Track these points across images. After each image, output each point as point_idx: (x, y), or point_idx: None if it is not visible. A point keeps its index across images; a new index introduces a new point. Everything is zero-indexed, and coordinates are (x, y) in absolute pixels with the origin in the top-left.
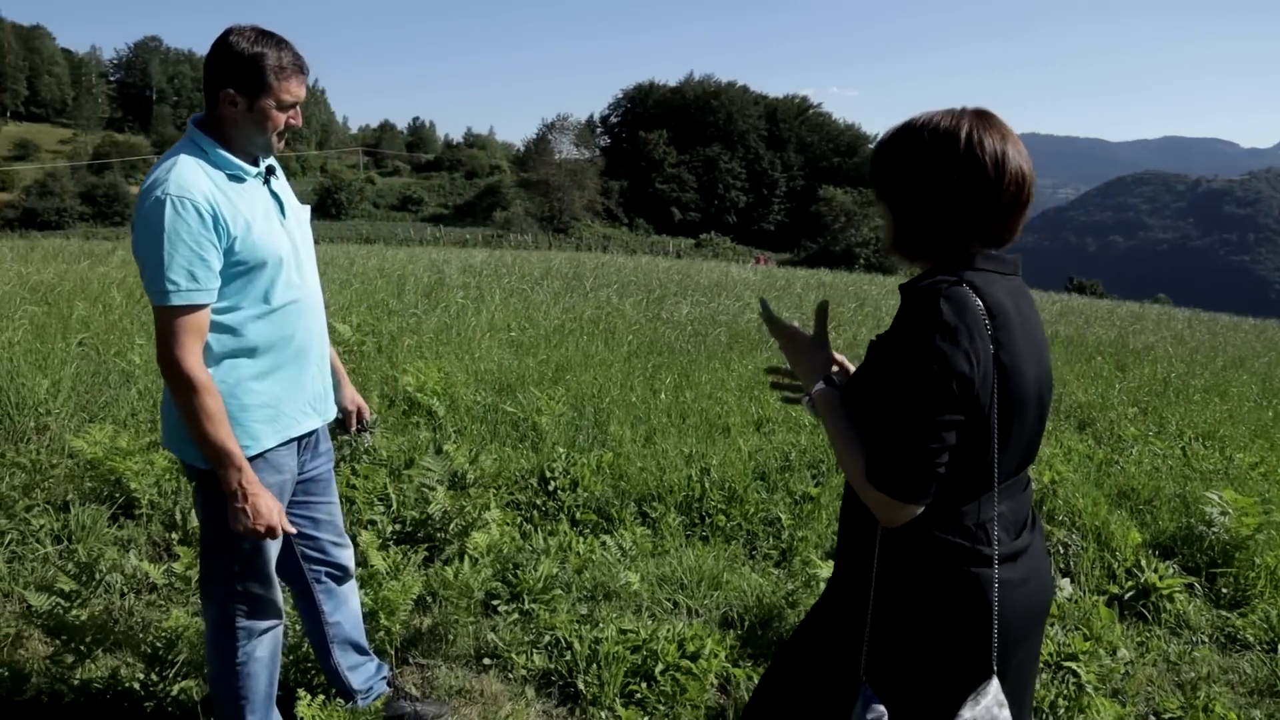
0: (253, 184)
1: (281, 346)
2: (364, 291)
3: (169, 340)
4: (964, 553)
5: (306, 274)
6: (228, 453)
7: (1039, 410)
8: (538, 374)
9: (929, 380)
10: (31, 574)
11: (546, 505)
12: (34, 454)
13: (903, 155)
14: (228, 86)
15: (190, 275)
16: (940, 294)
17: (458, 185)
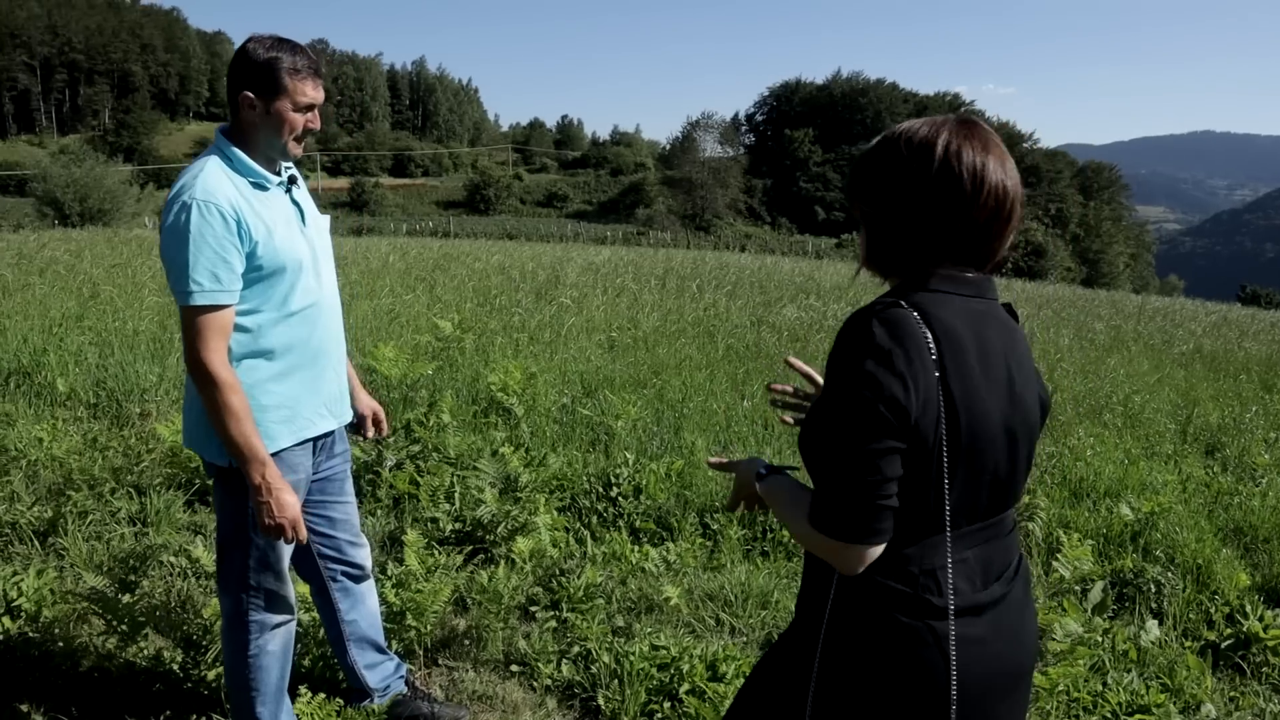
0: (275, 192)
1: (299, 349)
2: (479, 288)
3: (194, 339)
4: (910, 602)
5: (324, 280)
6: (252, 448)
7: (1011, 447)
8: (625, 377)
9: (859, 406)
10: (105, 554)
11: (607, 511)
12: (131, 439)
13: (877, 165)
14: (246, 90)
15: (214, 276)
16: (874, 315)
17: (602, 182)
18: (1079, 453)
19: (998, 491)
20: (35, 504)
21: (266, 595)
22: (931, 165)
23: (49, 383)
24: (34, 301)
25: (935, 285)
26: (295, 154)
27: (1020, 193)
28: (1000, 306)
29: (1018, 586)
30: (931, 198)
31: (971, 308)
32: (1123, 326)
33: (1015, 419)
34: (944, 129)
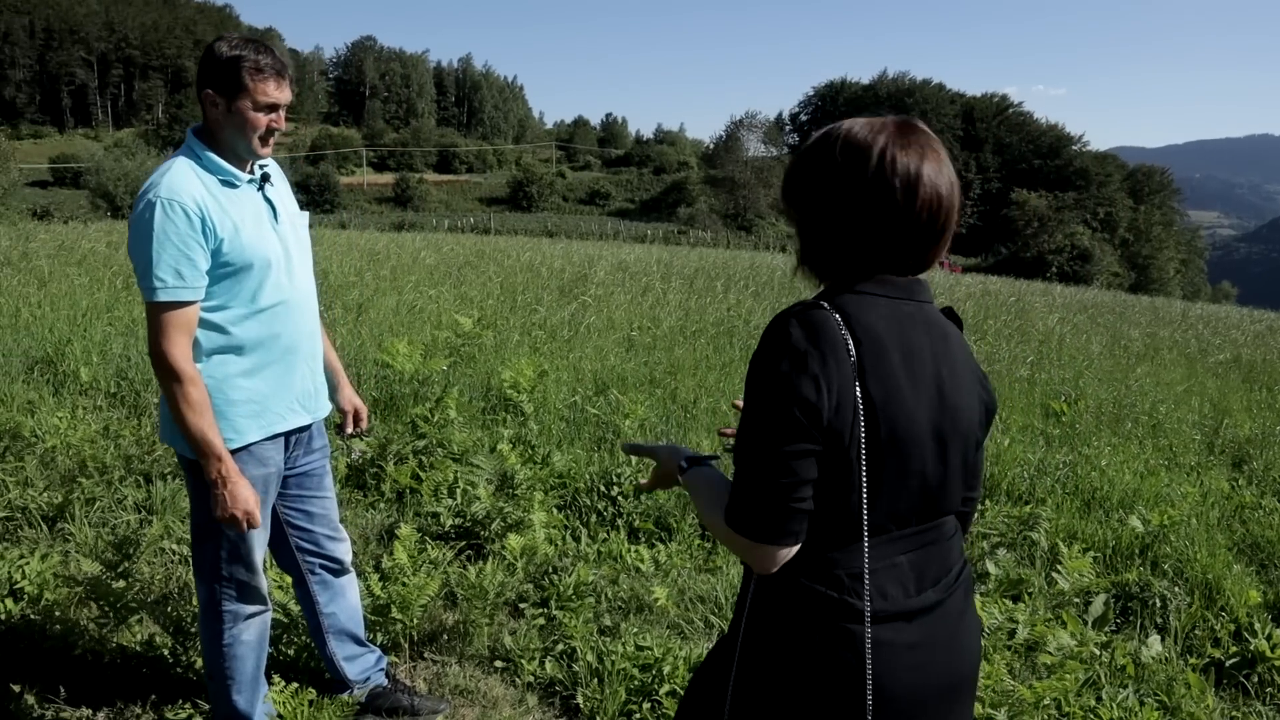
0: (245, 189)
1: (269, 345)
2: (507, 285)
3: (156, 334)
4: (832, 605)
5: (298, 277)
6: (208, 441)
7: (940, 452)
8: (639, 376)
9: (772, 408)
10: (109, 540)
11: (606, 510)
12: (146, 428)
13: (811, 166)
14: (208, 88)
15: (177, 273)
16: (793, 317)
17: (645, 181)
18: (1094, 461)
19: (928, 496)
20: (47, 489)
21: (239, 586)
22: (866, 172)
23: (73, 371)
24: (67, 292)
25: (861, 287)
26: (263, 154)
27: (956, 200)
28: (935, 310)
29: (957, 594)
30: (864, 205)
31: (899, 311)
32: (1159, 334)
33: (945, 423)
34: (881, 133)
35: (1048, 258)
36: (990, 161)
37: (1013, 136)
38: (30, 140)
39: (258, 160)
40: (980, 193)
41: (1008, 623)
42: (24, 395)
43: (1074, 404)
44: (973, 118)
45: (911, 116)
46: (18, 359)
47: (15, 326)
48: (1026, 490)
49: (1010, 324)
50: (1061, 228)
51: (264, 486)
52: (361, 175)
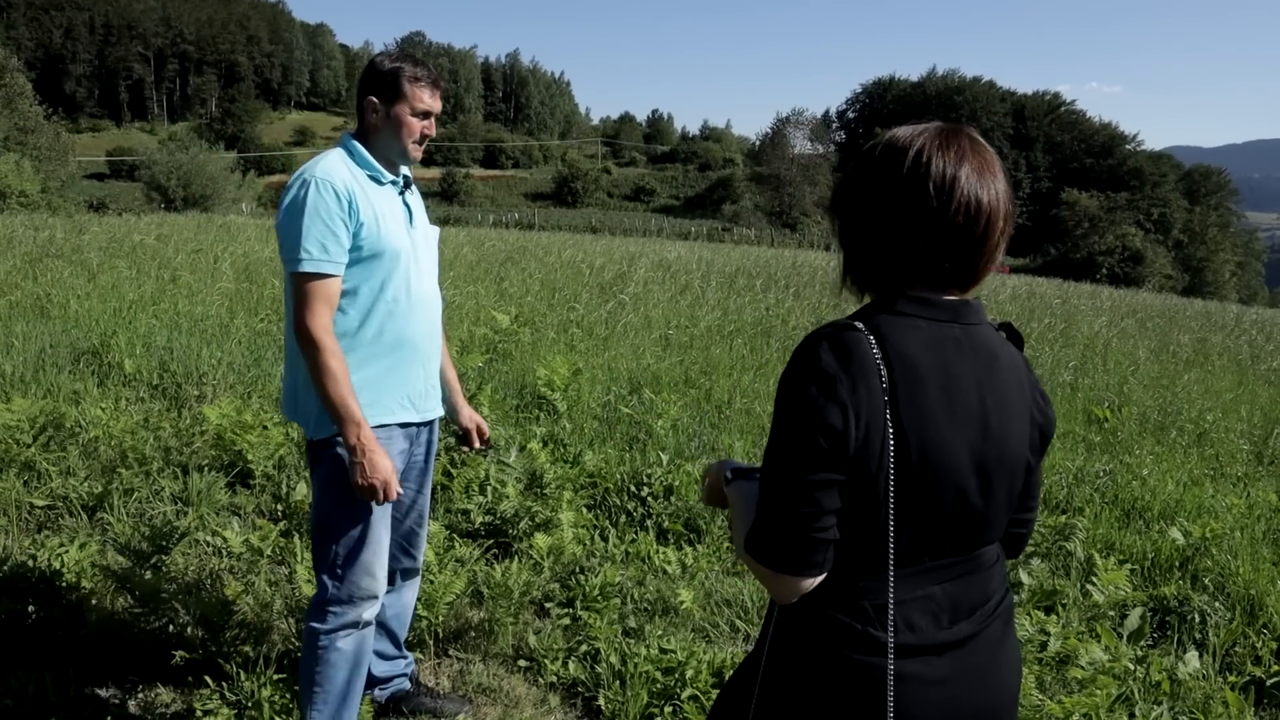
0: (388, 189)
1: (387, 336)
2: (547, 282)
3: (300, 305)
4: (855, 637)
5: (425, 279)
6: (348, 407)
7: (983, 482)
8: (674, 376)
9: (797, 434)
10: (145, 531)
11: (636, 511)
12: (187, 420)
13: (853, 171)
14: (370, 95)
15: (323, 247)
16: (824, 338)
17: (690, 177)
18: (1136, 471)
19: (967, 528)
20: (88, 479)
21: (350, 587)
22: (900, 171)
23: (117, 363)
24: (114, 284)
25: (902, 308)
26: (414, 157)
27: (1002, 209)
28: (985, 331)
29: (995, 624)
30: (897, 207)
31: (941, 334)
32: (1210, 339)
33: (990, 455)
34: (921, 135)
35: (1098, 259)
36: (1040, 160)
37: (1064, 135)
38: (89, 133)
39: (408, 163)
40: (1030, 192)
41: (1039, 635)
42: (70, 385)
43: (1117, 411)
44: (1023, 116)
45: (963, 124)
46: (65, 350)
47: (65, 318)
48: (1064, 499)
49: (1054, 327)
50: (1113, 229)
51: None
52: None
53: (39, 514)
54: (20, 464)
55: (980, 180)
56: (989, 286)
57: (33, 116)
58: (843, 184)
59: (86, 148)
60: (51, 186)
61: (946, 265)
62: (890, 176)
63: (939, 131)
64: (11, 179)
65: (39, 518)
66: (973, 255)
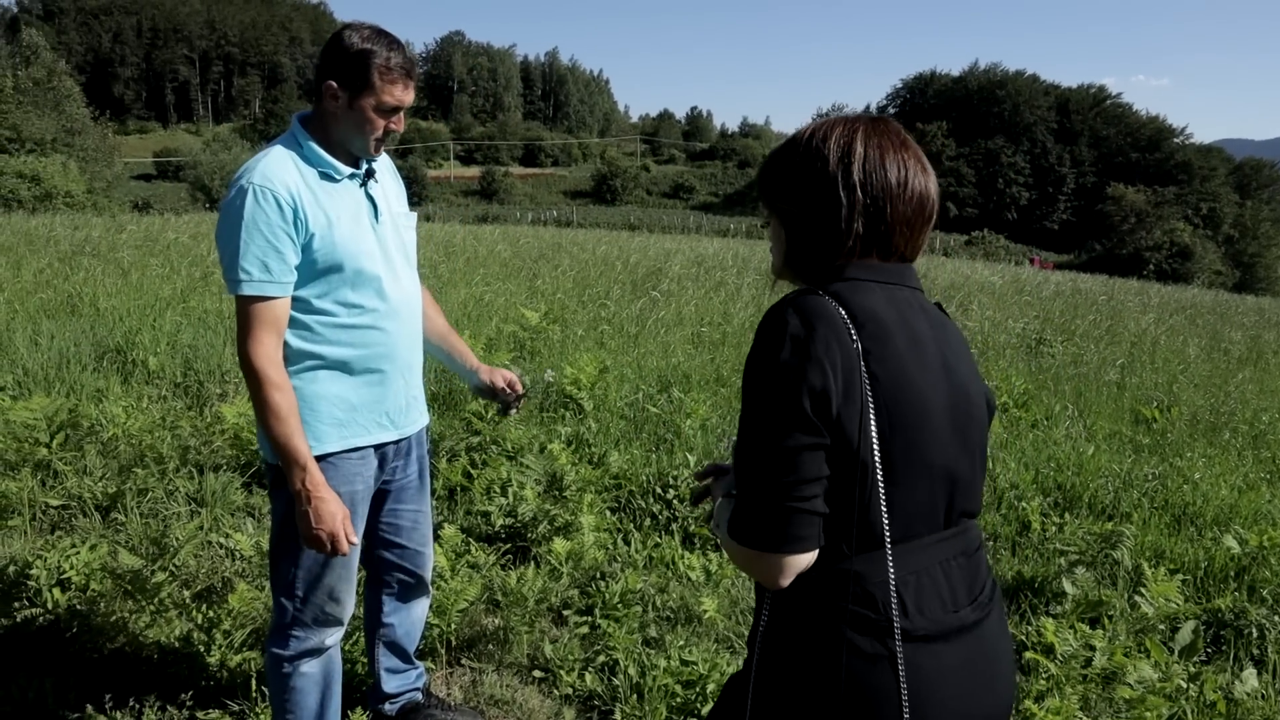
0: (346, 184)
1: (359, 350)
2: (579, 279)
3: (242, 331)
4: (859, 623)
5: (400, 279)
6: (293, 450)
7: (962, 441)
8: (705, 374)
9: (775, 400)
10: (158, 532)
11: (661, 514)
12: (208, 419)
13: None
14: (331, 79)
15: (263, 266)
16: (787, 305)
17: (729, 174)
18: (1187, 475)
19: (953, 489)
20: (103, 478)
21: (310, 612)
22: (856, 164)
23: (142, 360)
24: (144, 282)
25: (853, 273)
26: (375, 154)
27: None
28: (925, 298)
29: (994, 613)
30: (857, 193)
31: (894, 295)
32: (1264, 336)
33: (960, 408)
34: (859, 129)
35: (1145, 255)
36: (1085, 155)
37: (1110, 129)
38: (136, 135)
39: (370, 160)
40: (1075, 187)
41: (1084, 650)
42: (93, 383)
43: (1166, 411)
44: (1068, 110)
45: (876, 114)
46: (89, 348)
47: (94, 315)
48: (1110, 503)
49: (1100, 324)
50: (1160, 224)
51: (350, 505)
52: (449, 169)
53: (53, 514)
54: (36, 463)
55: (921, 166)
56: (1033, 282)
57: (80, 119)
58: (783, 171)
59: (133, 149)
60: (97, 187)
61: (897, 242)
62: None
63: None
64: (58, 179)
65: (53, 518)
66: (920, 230)
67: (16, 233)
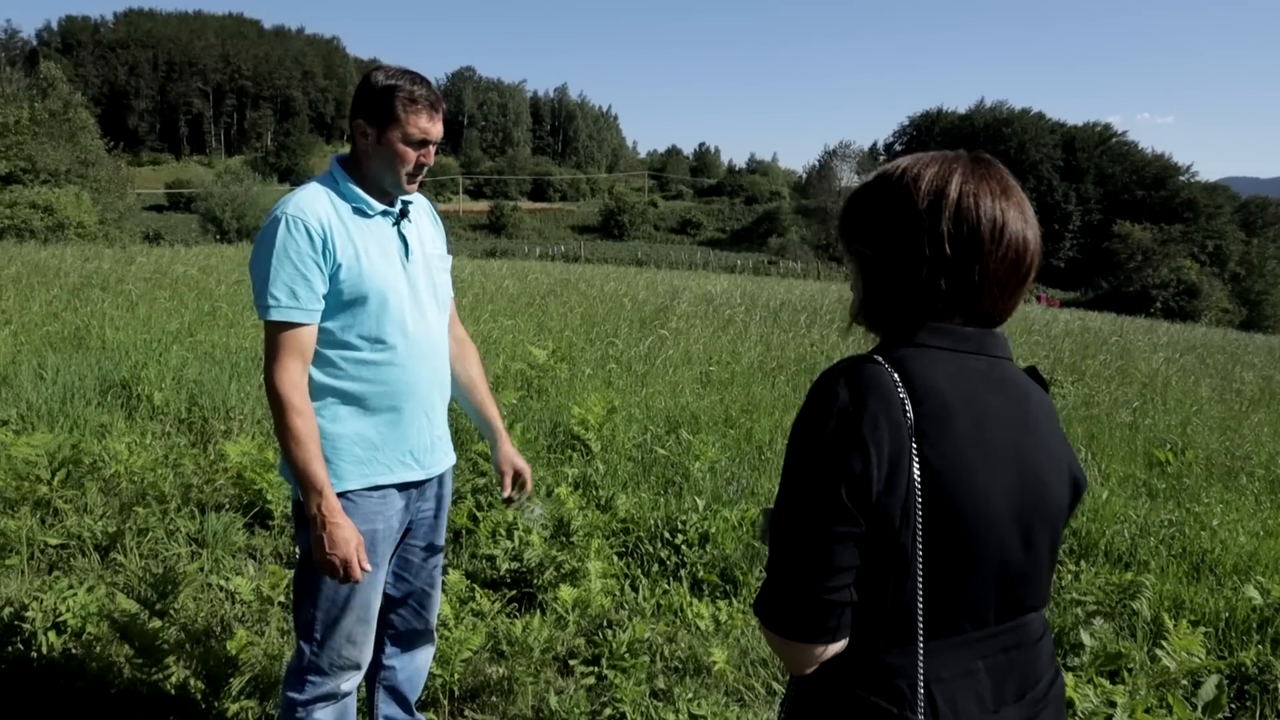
0: (379, 220)
1: (382, 387)
2: (587, 315)
3: (269, 357)
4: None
5: (427, 319)
6: (311, 475)
7: (1025, 535)
8: (713, 415)
9: (810, 479)
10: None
11: (669, 560)
12: (212, 456)
13: (879, 205)
14: (360, 118)
15: (291, 293)
16: (839, 373)
17: (737, 210)
18: (1205, 521)
19: (1009, 589)
20: (103, 517)
21: (328, 655)
22: (947, 210)
23: (146, 396)
24: (151, 315)
25: (923, 339)
26: (409, 189)
27: (1039, 244)
28: (1014, 368)
29: (1045, 713)
30: (945, 245)
31: (967, 366)
32: (1276, 377)
33: (1029, 501)
34: (956, 170)
35: (1152, 292)
36: (1092, 192)
37: (1115, 167)
38: (149, 166)
39: (402, 194)
40: (1080, 224)
41: (1104, 706)
42: (97, 418)
43: (1181, 453)
44: (1073, 147)
45: (982, 151)
46: (93, 382)
47: (101, 348)
48: (1127, 551)
49: (1110, 364)
50: (1167, 261)
51: (370, 545)
52: (458, 203)
53: (51, 553)
54: (36, 500)
55: (1023, 216)
56: (1041, 320)
57: (95, 150)
58: (864, 217)
59: (146, 180)
60: (109, 218)
61: (982, 303)
62: (935, 215)
63: (973, 164)
64: (70, 210)
65: (51, 557)
66: (1012, 293)
67: (27, 264)
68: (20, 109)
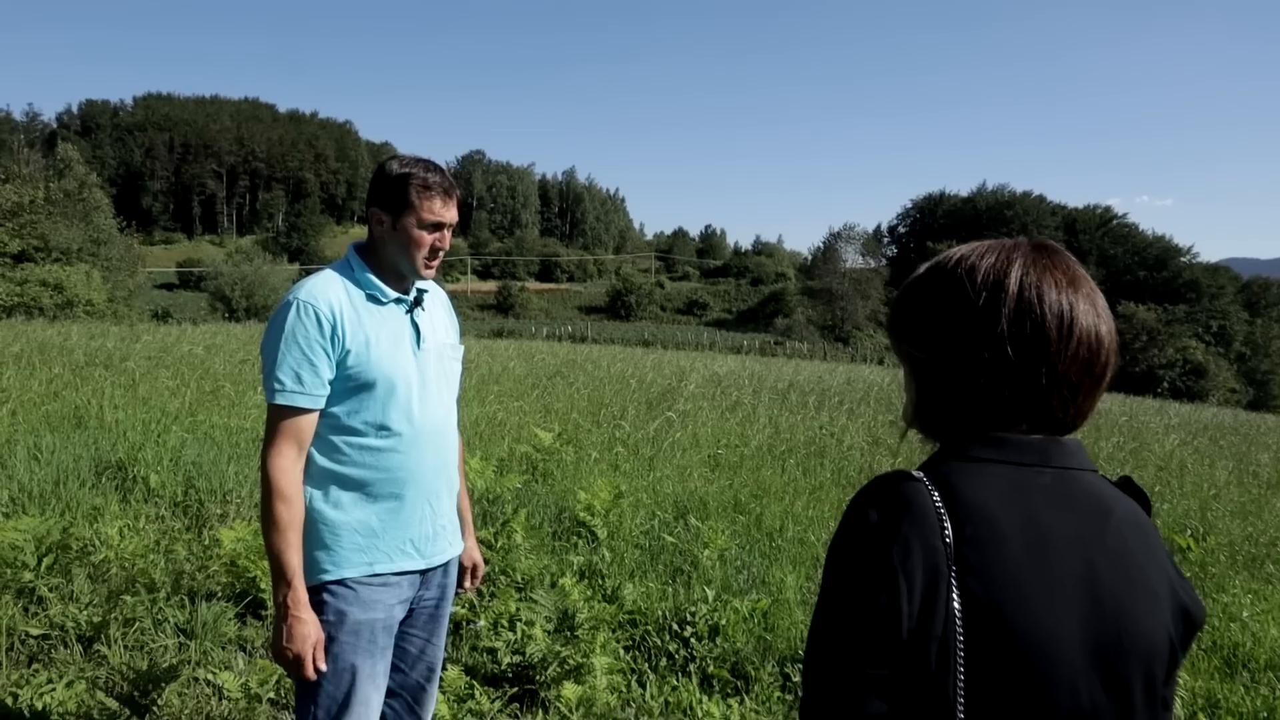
0: (391, 308)
1: (385, 474)
2: (594, 397)
3: (266, 437)
4: None
5: (433, 408)
6: (284, 563)
7: (1107, 676)
8: (722, 500)
9: (837, 614)
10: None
11: (678, 653)
12: (206, 541)
13: (933, 300)
14: (375, 205)
15: (296, 377)
16: (872, 492)
17: (743, 291)
18: (1234, 613)
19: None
20: (89, 605)
21: None
22: (1006, 306)
23: (143, 477)
24: (152, 395)
25: (975, 452)
26: (426, 273)
27: (1114, 339)
28: (1092, 479)
29: None
30: (1006, 347)
31: (1026, 481)
32: None
33: (1108, 637)
34: (1015, 259)
35: (1158, 373)
36: (1094, 273)
37: (1118, 248)
38: (162, 245)
39: (419, 279)
40: None
41: None
42: (90, 500)
43: (1203, 539)
44: (1075, 229)
45: (1045, 238)
46: (88, 463)
47: (100, 428)
48: None
49: (1124, 445)
50: (1172, 341)
51: (369, 635)
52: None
53: (33, 644)
54: (19, 588)
55: (1095, 308)
56: None
57: (108, 229)
58: (918, 313)
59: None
60: (118, 295)
61: (1053, 407)
62: (993, 310)
63: (1035, 251)
64: (80, 288)
65: (32, 648)
66: (1087, 394)
67: (32, 341)
68: (36, 189)
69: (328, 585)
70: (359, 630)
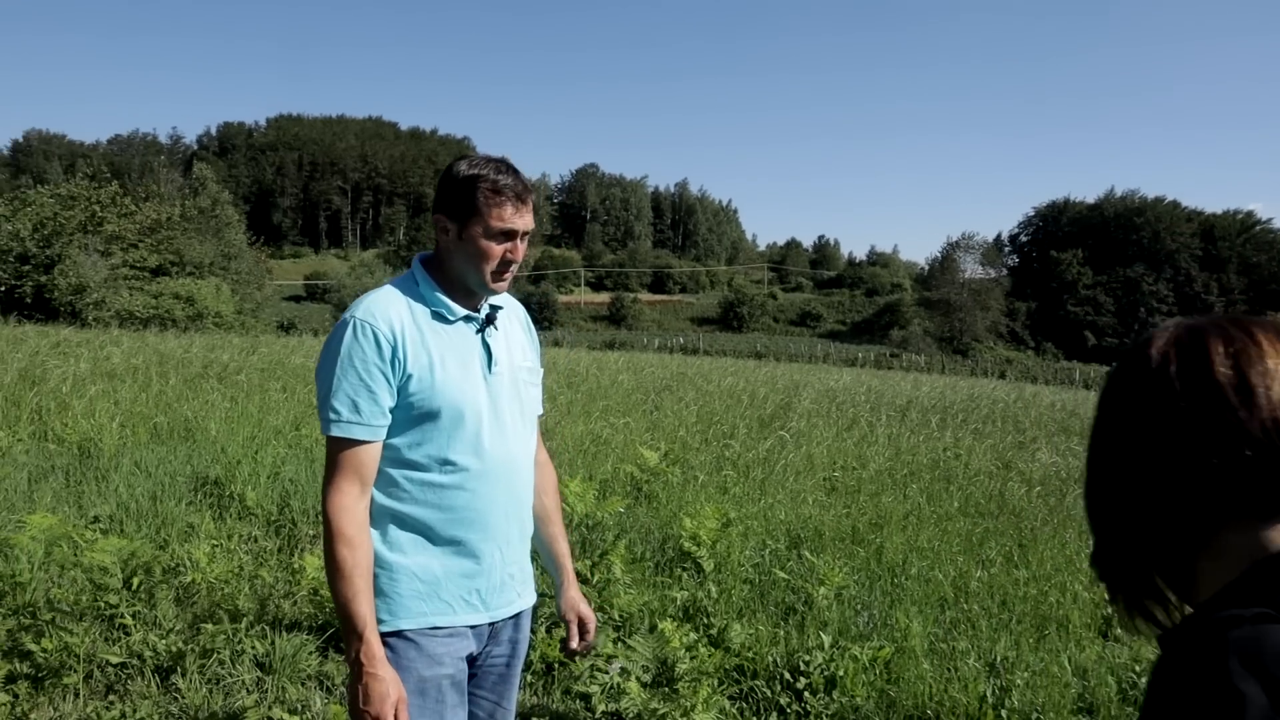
0: (460, 327)
1: (450, 514)
2: (703, 413)
3: (325, 474)
4: None
5: (506, 441)
6: (352, 615)
7: None
8: (839, 529)
9: None
10: (219, 704)
11: (790, 708)
12: (294, 566)
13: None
14: (440, 212)
15: (353, 406)
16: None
17: (857, 302)
18: None
19: None
20: (170, 633)
21: None
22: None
23: (239, 494)
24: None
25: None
26: (496, 287)
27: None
28: None
29: None
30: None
31: None
32: None
33: None
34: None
35: None
36: (1235, 283)
37: (1261, 255)
38: (290, 259)
39: (490, 295)
40: None
41: None
42: (186, 518)
43: None
44: (1213, 236)
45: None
46: (185, 479)
47: (205, 442)
48: None
49: None
50: None
51: (436, 694)
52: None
53: (110, 673)
54: (97, 612)
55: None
56: None
57: (238, 244)
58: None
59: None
60: (246, 308)
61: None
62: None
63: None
64: (210, 301)
65: (110, 677)
66: None
67: (155, 353)
68: (173, 206)
69: (385, 638)
70: (424, 689)
